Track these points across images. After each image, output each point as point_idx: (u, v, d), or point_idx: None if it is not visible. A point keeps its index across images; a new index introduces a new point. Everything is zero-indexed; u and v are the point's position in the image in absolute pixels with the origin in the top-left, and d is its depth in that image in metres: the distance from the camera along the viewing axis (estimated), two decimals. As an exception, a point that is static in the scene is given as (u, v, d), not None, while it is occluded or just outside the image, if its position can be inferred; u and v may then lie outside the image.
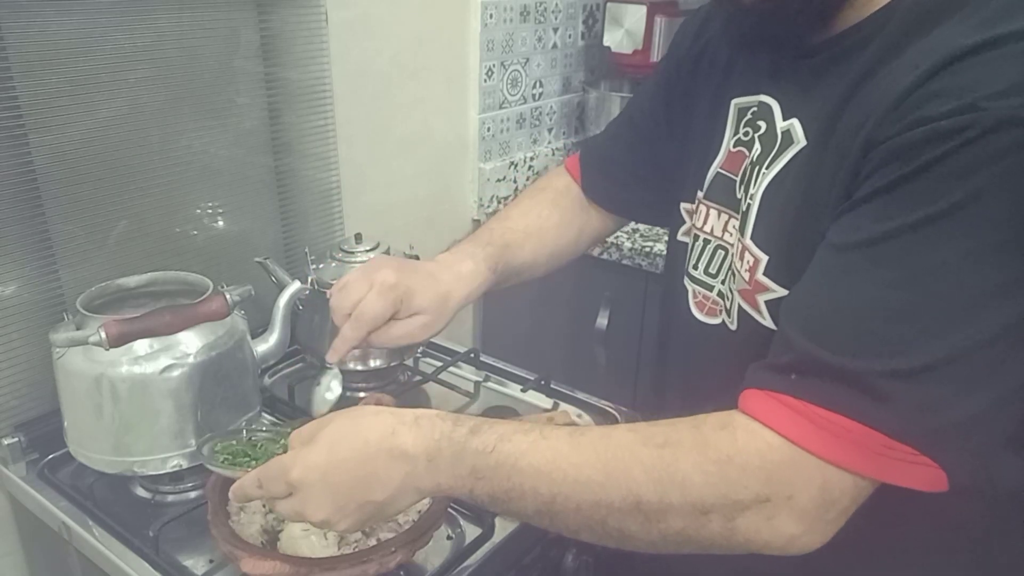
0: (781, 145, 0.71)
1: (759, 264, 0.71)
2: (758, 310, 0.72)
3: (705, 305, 0.81)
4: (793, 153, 0.69)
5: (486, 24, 1.62)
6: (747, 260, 0.72)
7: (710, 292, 0.80)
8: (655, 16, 1.74)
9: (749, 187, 0.74)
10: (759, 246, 0.71)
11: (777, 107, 0.73)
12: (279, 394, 1.17)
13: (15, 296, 1.01)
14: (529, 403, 1.18)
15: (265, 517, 0.85)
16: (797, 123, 0.70)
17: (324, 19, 1.29)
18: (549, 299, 1.66)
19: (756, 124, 0.75)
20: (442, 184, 1.69)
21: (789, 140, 0.70)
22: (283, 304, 1.04)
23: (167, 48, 1.10)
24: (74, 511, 0.93)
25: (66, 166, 1.03)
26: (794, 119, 0.70)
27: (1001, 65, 0.55)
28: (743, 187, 0.75)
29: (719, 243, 0.80)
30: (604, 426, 0.65)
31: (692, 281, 0.83)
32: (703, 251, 0.82)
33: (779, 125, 0.72)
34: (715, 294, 0.80)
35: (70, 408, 0.94)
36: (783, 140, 0.71)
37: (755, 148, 0.74)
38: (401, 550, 0.76)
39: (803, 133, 0.69)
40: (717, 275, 0.79)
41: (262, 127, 1.26)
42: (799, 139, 0.69)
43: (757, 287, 0.72)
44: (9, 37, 0.94)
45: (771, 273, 0.70)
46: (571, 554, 1.00)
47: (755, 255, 0.71)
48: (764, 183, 0.71)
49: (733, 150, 0.79)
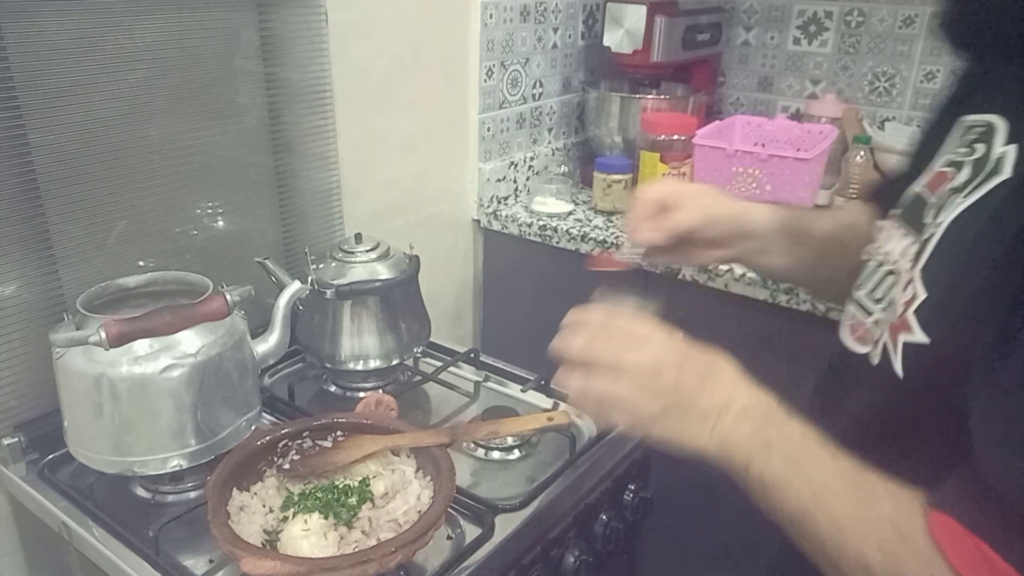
0: (988, 173, 0.61)
1: (915, 300, 0.63)
2: (896, 350, 0.64)
3: (858, 331, 0.73)
4: (993, 184, 0.60)
5: (486, 24, 1.62)
6: (908, 292, 0.64)
7: (867, 319, 0.72)
8: (655, 16, 1.74)
9: (940, 214, 0.64)
10: (923, 281, 0.62)
11: (1003, 128, 0.63)
12: (279, 394, 1.17)
13: (15, 296, 1.01)
14: (529, 403, 1.18)
15: (265, 517, 0.85)
16: (1013, 151, 0.61)
17: (324, 19, 1.29)
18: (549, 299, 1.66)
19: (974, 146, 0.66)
20: (442, 184, 1.69)
21: (997, 169, 0.61)
22: (283, 304, 1.04)
23: (167, 48, 1.10)
24: (74, 511, 0.93)
25: (66, 166, 1.03)
26: (1014, 145, 0.61)
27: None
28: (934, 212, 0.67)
29: (891, 267, 0.71)
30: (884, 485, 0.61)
31: (854, 303, 0.75)
32: (874, 273, 0.74)
33: (996, 150, 0.62)
34: (871, 321, 0.72)
35: (70, 408, 0.94)
36: (992, 168, 0.61)
37: (963, 172, 0.65)
38: (401, 550, 0.76)
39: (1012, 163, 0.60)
40: (880, 301, 0.71)
41: (262, 127, 1.26)
42: (1005, 170, 0.60)
43: (903, 325, 0.63)
44: (9, 37, 0.94)
45: (920, 314, 0.62)
46: (571, 554, 1.00)
47: (916, 289, 0.63)
48: (955, 212, 0.62)
49: (939, 170, 0.70)
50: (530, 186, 1.86)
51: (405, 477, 0.90)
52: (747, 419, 0.64)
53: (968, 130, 0.69)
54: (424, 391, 1.22)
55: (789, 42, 1.94)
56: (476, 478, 1.01)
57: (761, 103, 2.01)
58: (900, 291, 0.66)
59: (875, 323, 0.71)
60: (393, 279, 1.17)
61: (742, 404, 0.65)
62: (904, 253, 0.69)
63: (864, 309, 0.74)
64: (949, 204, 0.64)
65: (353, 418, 0.98)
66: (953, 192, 0.65)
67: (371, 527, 0.83)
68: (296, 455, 0.93)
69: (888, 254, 0.73)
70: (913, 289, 0.64)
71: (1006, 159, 0.61)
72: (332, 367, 1.19)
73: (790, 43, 1.94)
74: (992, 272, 0.57)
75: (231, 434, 0.96)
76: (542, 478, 0.99)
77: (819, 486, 0.61)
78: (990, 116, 0.66)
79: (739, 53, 2.01)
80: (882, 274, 0.73)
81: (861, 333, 0.73)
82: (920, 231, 0.68)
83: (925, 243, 0.65)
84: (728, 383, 0.66)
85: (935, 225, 0.64)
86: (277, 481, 0.90)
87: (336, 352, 1.17)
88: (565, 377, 0.70)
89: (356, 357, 1.17)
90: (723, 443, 0.64)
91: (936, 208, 0.67)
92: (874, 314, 0.72)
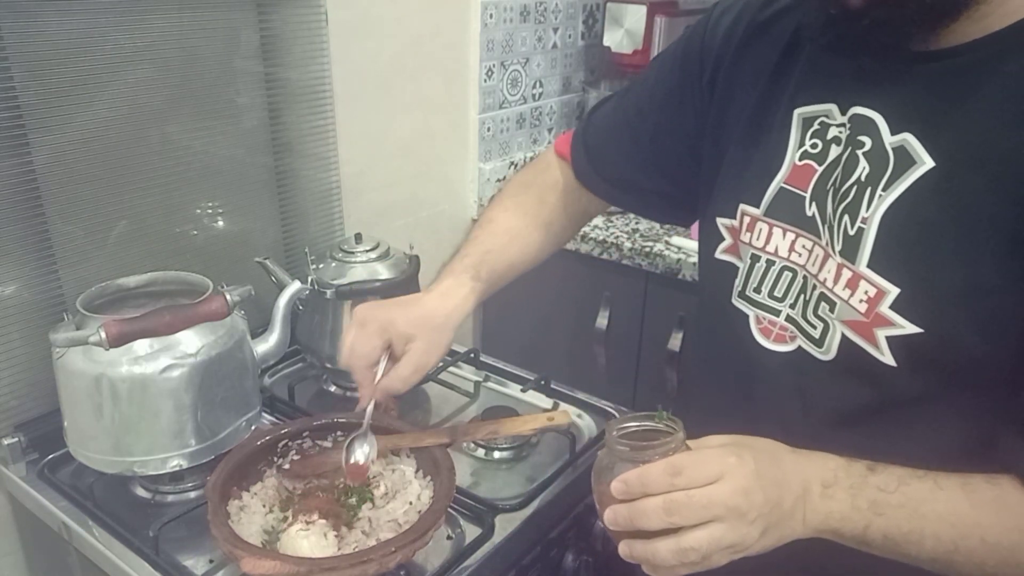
0: (897, 164, 0.65)
1: (884, 297, 0.65)
2: (875, 345, 0.66)
3: (772, 331, 0.75)
4: (918, 175, 0.64)
5: (486, 24, 1.62)
6: (863, 290, 0.66)
7: (776, 317, 0.75)
8: (655, 16, 1.74)
9: (857, 209, 0.67)
10: (885, 276, 0.65)
11: (882, 120, 0.67)
12: (279, 394, 1.17)
13: (15, 296, 1.01)
14: (529, 403, 1.18)
15: (265, 517, 0.85)
16: (913, 139, 0.64)
17: (324, 19, 1.29)
18: (549, 299, 1.66)
19: (839, 139, 0.70)
20: (442, 184, 1.69)
21: (907, 159, 0.64)
22: (283, 304, 1.04)
23: (167, 48, 1.10)
24: (74, 511, 0.93)
25: (66, 166, 1.03)
26: (906, 134, 0.65)
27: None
28: (836, 206, 0.69)
29: (785, 264, 0.74)
30: (992, 487, 0.63)
31: (752, 305, 0.77)
32: (766, 273, 0.76)
33: (888, 140, 0.66)
34: (783, 319, 0.74)
35: (70, 408, 0.94)
36: (898, 158, 0.65)
37: (860, 165, 0.68)
38: (401, 550, 0.76)
39: (925, 152, 0.63)
40: (784, 299, 0.74)
41: (262, 127, 1.26)
42: (922, 159, 0.64)
43: (879, 321, 0.66)
44: (9, 37, 0.94)
45: (902, 308, 0.64)
46: (571, 554, 1.00)
47: (879, 286, 0.65)
48: (883, 207, 0.65)
49: (799, 163, 0.73)
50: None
51: (405, 477, 0.90)
52: (834, 491, 0.63)
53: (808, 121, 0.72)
54: (424, 391, 1.22)
55: (789, 42, 1.93)
56: (476, 478, 1.01)
57: (761, 103, 2.01)
58: (842, 288, 0.68)
59: (787, 319, 0.73)
60: (393, 279, 1.17)
61: (820, 479, 0.63)
62: (793, 248, 0.72)
63: (769, 309, 0.76)
64: (867, 199, 0.66)
65: (353, 418, 0.98)
66: (859, 186, 0.67)
67: (371, 527, 0.83)
68: (296, 455, 0.93)
69: (775, 251, 0.75)
70: (871, 285, 0.66)
71: (911, 148, 0.64)
72: (332, 367, 1.19)
73: (790, 43, 1.93)
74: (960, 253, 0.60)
75: (231, 434, 0.96)
76: (542, 478, 0.99)
77: (952, 518, 0.61)
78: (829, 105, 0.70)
79: (739, 53, 2.01)
80: (776, 272, 0.75)
81: (776, 332, 0.75)
82: (806, 226, 0.71)
83: (854, 239, 0.67)
84: (794, 468, 0.64)
85: (862, 222, 0.67)
86: (277, 481, 0.90)
87: (336, 352, 1.17)
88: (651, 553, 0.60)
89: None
90: (822, 524, 0.63)
91: (835, 202, 0.69)
92: (782, 312, 0.74)
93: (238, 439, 0.96)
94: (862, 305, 0.66)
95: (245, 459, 0.90)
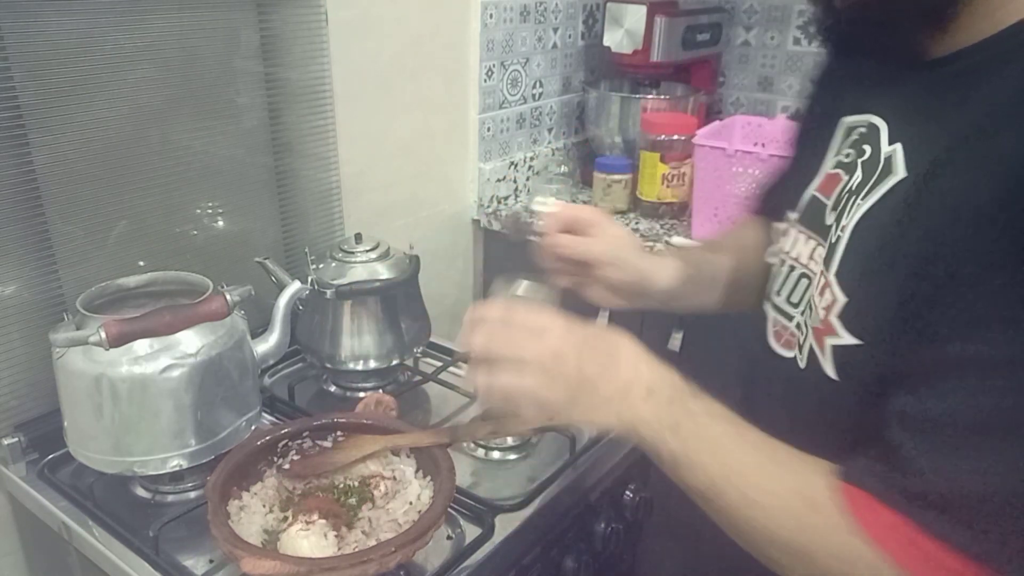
0: (881, 174, 0.64)
1: (835, 305, 0.64)
2: (823, 353, 0.66)
3: (783, 336, 0.75)
4: (890, 185, 0.62)
5: (486, 24, 1.62)
6: (826, 297, 0.66)
7: (789, 323, 0.74)
8: (655, 16, 1.74)
9: (842, 217, 0.67)
10: (840, 285, 0.64)
11: (884, 129, 0.66)
12: (279, 394, 1.17)
13: (15, 296, 1.01)
14: (529, 403, 1.18)
15: (265, 517, 0.85)
16: (900, 150, 0.63)
17: (324, 19, 1.29)
18: (549, 299, 1.66)
19: (861, 148, 0.69)
20: (442, 184, 1.69)
21: (888, 169, 0.63)
22: (283, 304, 1.04)
23: (167, 48, 1.10)
24: (74, 511, 0.93)
25: (66, 166, 1.03)
26: (898, 144, 0.64)
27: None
28: (835, 215, 0.69)
29: (804, 271, 0.73)
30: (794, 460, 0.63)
31: (774, 309, 0.77)
32: (787, 278, 0.76)
33: (884, 150, 0.65)
34: (794, 325, 0.73)
35: (70, 408, 0.94)
36: (883, 168, 0.64)
37: (856, 174, 0.68)
38: (401, 550, 0.76)
39: (903, 162, 0.62)
40: (798, 305, 0.73)
41: (262, 127, 1.26)
42: (898, 169, 0.62)
43: (827, 328, 0.65)
44: (9, 37, 0.94)
45: (844, 318, 0.63)
46: (571, 554, 1.00)
47: (835, 294, 0.65)
48: (857, 215, 0.65)
49: (830, 172, 0.73)
50: (530, 186, 1.87)
51: (405, 477, 0.90)
52: (654, 398, 0.65)
53: (851, 131, 0.71)
54: (424, 391, 1.22)
55: (789, 42, 1.94)
56: (476, 478, 1.01)
57: (761, 103, 2.01)
58: (818, 295, 0.68)
59: (797, 326, 0.73)
60: (393, 279, 1.17)
61: (648, 383, 0.66)
62: (812, 256, 0.72)
63: (784, 314, 0.75)
64: (849, 207, 0.67)
65: (353, 418, 0.98)
66: (850, 195, 0.67)
67: (371, 527, 0.83)
68: (296, 455, 0.93)
69: (797, 258, 0.75)
70: (832, 293, 0.65)
71: (895, 159, 0.63)
72: (332, 367, 1.19)
73: (790, 43, 1.93)
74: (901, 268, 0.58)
75: (231, 434, 0.96)
76: (542, 478, 0.99)
77: (729, 462, 0.63)
78: (870, 116, 0.69)
79: (739, 53, 2.01)
80: (796, 278, 0.75)
81: (786, 338, 0.74)
82: (823, 234, 0.71)
83: (833, 247, 0.67)
84: (630, 363, 0.67)
85: (840, 229, 0.67)
86: (277, 481, 0.90)
87: (336, 352, 1.17)
88: (471, 375, 0.68)
89: (356, 357, 1.17)
90: (632, 423, 0.66)
91: (836, 211, 0.69)
92: (795, 318, 0.74)
93: (238, 439, 0.96)
94: (822, 311, 0.66)
95: (245, 459, 0.90)
